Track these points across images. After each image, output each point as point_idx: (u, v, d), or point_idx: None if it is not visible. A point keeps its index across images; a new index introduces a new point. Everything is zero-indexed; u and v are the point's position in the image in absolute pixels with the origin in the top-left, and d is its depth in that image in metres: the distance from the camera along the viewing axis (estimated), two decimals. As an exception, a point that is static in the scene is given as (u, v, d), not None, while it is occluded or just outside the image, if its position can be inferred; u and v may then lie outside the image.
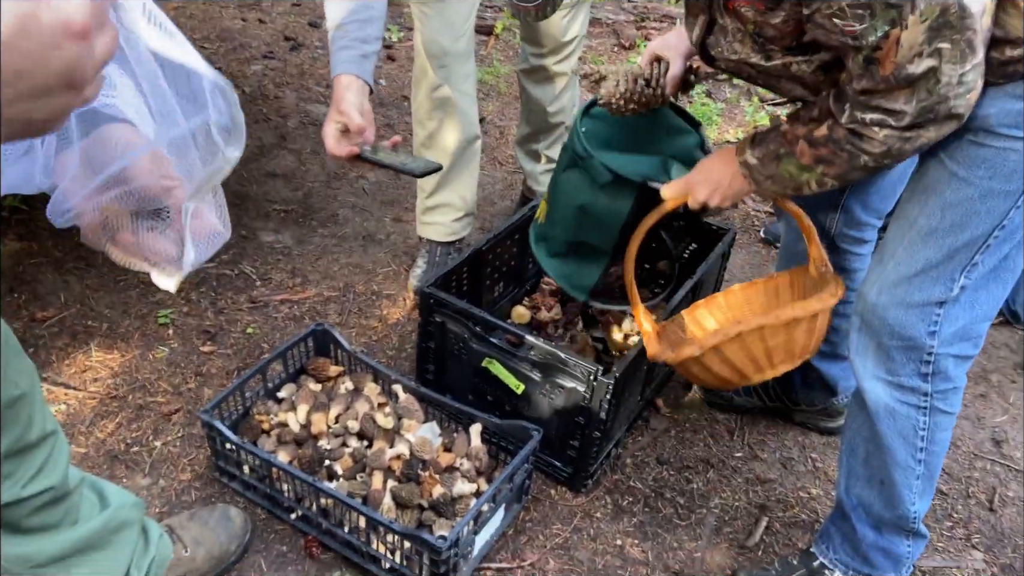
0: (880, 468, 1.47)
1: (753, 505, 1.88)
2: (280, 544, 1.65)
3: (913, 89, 1.12)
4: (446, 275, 1.91)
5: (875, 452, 1.47)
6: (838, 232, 1.73)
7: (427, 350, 1.91)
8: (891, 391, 1.40)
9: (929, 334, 1.33)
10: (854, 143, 1.22)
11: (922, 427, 1.41)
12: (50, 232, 2.37)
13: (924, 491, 1.48)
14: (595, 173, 1.58)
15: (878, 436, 1.44)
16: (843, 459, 1.56)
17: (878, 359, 1.39)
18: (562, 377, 1.71)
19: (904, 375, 1.38)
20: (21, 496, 1.14)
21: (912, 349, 1.35)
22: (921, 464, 1.44)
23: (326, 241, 2.55)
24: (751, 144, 1.38)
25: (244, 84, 3.35)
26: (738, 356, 1.48)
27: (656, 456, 1.97)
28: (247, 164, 2.85)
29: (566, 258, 1.78)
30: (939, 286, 1.30)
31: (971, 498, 1.96)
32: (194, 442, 1.83)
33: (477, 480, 1.72)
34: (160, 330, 2.12)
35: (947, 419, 1.42)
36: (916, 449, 1.43)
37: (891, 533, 1.53)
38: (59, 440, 1.20)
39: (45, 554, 1.24)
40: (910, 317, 1.33)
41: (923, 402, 1.39)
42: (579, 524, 1.78)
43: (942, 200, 1.27)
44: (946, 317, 1.32)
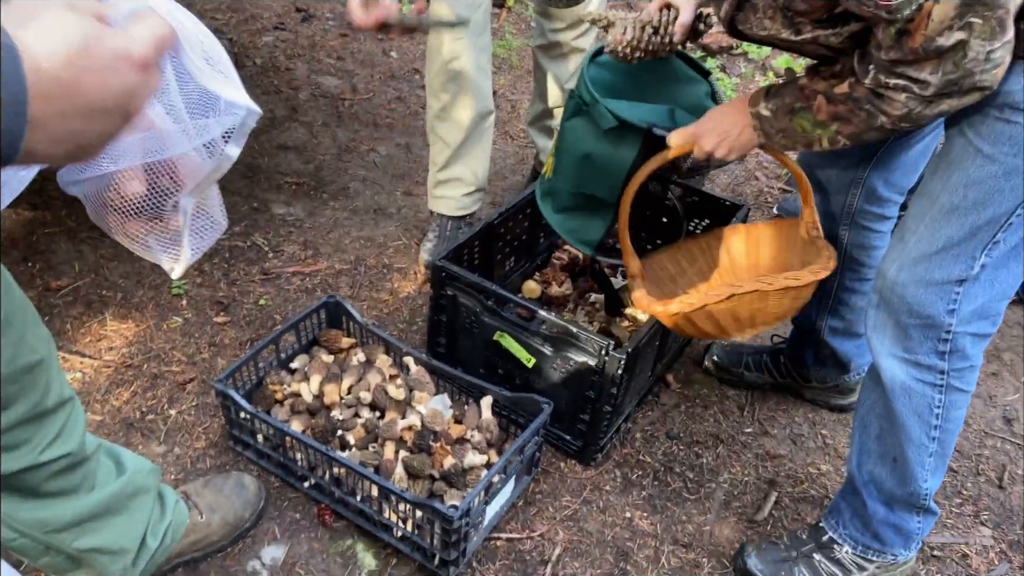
0: (893, 445, 1.48)
1: (762, 480, 1.89)
2: (293, 512, 1.67)
3: (940, 61, 1.11)
4: (457, 249, 1.91)
5: (888, 429, 1.47)
6: (859, 208, 1.71)
7: (438, 323, 1.92)
8: (908, 369, 1.40)
9: (948, 312, 1.32)
10: (874, 103, 1.20)
11: (937, 405, 1.41)
12: (63, 202, 2.38)
13: (936, 468, 1.48)
14: (600, 119, 1.55)
15: (893, 413, 1.44)
16: (855, 435, 1.56)
17: (896, 337, 1.39)
18: (573, 351, 1.71)
19: (921, 353, 1.37)
20: (39, 461, 1.16)
21: (930, 327, 1.34)
22: (935, 442, 1.44)
23: (337, 214, 2.55)
24: (766, 96, 1.37)
25: (255, 55, 3.34)
26: (724, 316, 1.50)
27: (666, 431, 1.98)
28: (258, 136, 2.85)
29: (572, 212, 1.76)
30: (960, 264, 1.29)
31: (981, 475, 1.96)
32: (208, 411, 1.85)
33: (488, 452, 1.74)
34: (174, 300, 2.13)
35: (963, 397, 1.42)
36: (930, 427, 1.43)
37: (902, 510, 1.54)
38: (76, 407, 1.22)
39: (62, 519, 1.26)
40: (929, 295, 1.32)
41: (939, 380, 1.39)
42: (588, 496, 1.80)
43: (965, 177, 1.26)
44: (965, 295, 1.31)
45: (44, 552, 1.28)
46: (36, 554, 1.28)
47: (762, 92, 1.38)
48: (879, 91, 1.19)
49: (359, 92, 3.22)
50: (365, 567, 1.60)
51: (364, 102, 3.17)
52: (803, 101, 1.30)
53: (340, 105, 3.12)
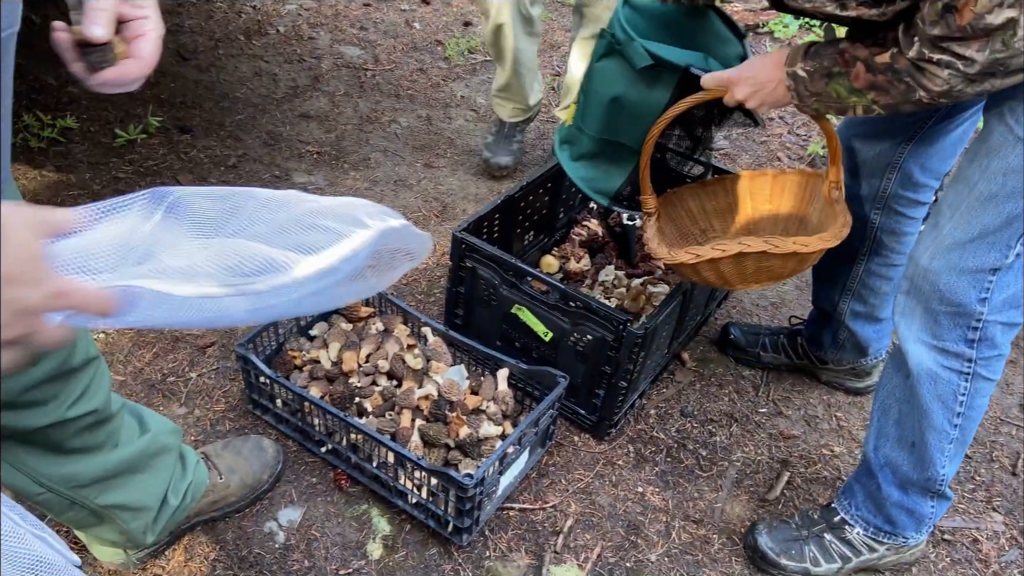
0: (913, 430, 1.47)
1: (775, 460, 1.90)
2: (310, 476, 1.70)
3: (988, 39, 1.08)
4: (478, 221, 1.92)
5: (909, 413, 1.47)
6: (893, 193, 1.68)
7: (457, 295, 1.93)
8: (935, 356, 1.39)
9: (980, 300, 1.31)
10: (914, 77, 1.18)
11: (963, 392, 1.40)
12: (88, 164, 2.41)
13: (955, 455, 1.48)
14: (634, 57, 1.50)
15: (916, 398, 1.44)
16: (874, 418, 1.56)
17: (925, 323, 1.38)
18: (591, 326, 1.72)
19: (950, 340, 1.36)
20: (66, 417, 1.19)
21: (961, 315, 1.33)
22: (956, 428, 1.44)
23: (358, 184, 2.56)
24: (803, 55, 1.32)
25: (279, 23, 3.33)
26: (730, 270, 1.51)
27: (680, 408, 1.99)
28: (280, 105, 2.86)
29: (592, 160, 1.72)
30: (994, 252, 1.28)
31: (995, 462, 1.96)
32: (228, 375, 1.87)
33: (503, 423, 1.75)
34: (195, 265, 2.15)
35: (988, 385, 1.41)
36: (954, 414, 1.42)
37: (916, 494, 1.54)
38: (101, 365, 1.24)
39: (86, 475, 1.29)
40: (962, 283, 1.31)
41: (967, 368, 1.38)
42: (601, 470, 1.81)
43: (1004, 164, 1.24)
44: (998, 284, 1.30)
45: (69, 507, 1.31)
46: (61, 509, 1.31)
47: (800, 50, 1.33)
48: (921, 65, 1.16)
49: (381, 63, 3.21)
50: (379, 531, 1.62)
51: (386, 73, 3.16)
52: (841, 66, 1.26)
53: (362, 75, 3.12)
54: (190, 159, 2.52)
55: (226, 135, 2.65)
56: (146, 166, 2.45)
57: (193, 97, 2.80)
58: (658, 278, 2.14)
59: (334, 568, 1.55)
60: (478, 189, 2.64)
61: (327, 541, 1.59)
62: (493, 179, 2.69)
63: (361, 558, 1.57)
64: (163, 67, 2.93)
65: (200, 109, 2.75)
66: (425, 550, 1.60)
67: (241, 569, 1.53)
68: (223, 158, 2.55)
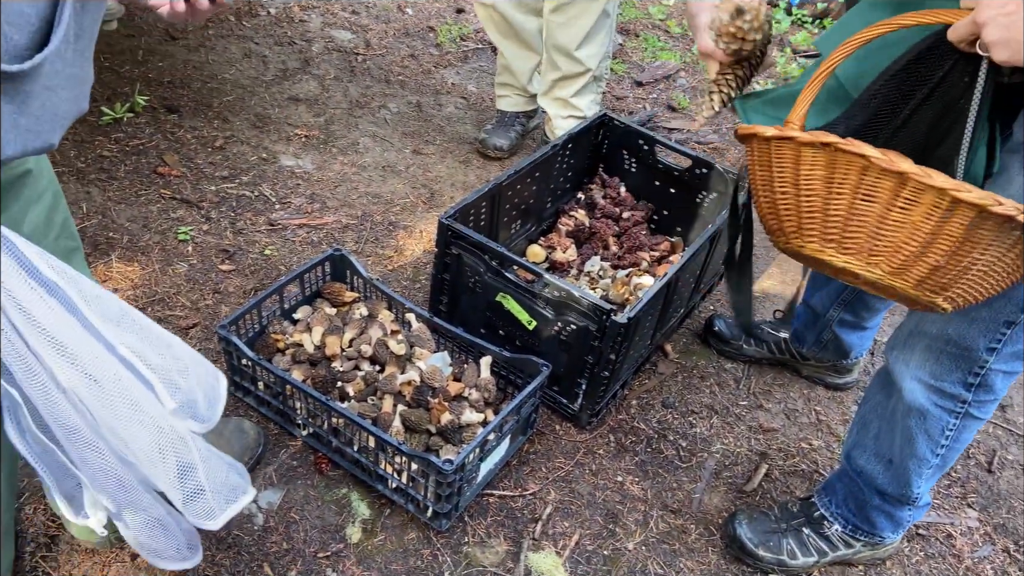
0: (892, 450, 1.47)
1: (754, 452, 1.91)
2: (290, 459, 1.70)
3: None
4: (464, 208, 1.92)
5: (889, 433, 1.46)
6: None
7: (442, 282, 1.93)
8: (930, 395, 1.36)
9: (988, 350, 1.28)
10: None
11: (951, 428, 1.39)
12: (73, 142, 2.38)
13: (933, 477, 1.48)
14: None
15: (901, 426, 1.43)
16: (853, 428, 1.56)
17: (924, 360, 1.34)
18: (574, 316, 1.72)
19: (949, 382, 1.33)
20: None
21: (965, 359, 1.30)
22: (938, 457, 1.44)
23: (346, 169, 2.55)
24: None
25: (270, 5, 3.30)
26: (816, 184, 1.01)
27: (662, 399, 2.00)
28: (270, 87, 2.84)
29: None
30: (1011, 306, 1.23)
31: (971, 459, 1.98)
32: (210, 356, 1.87)
33: (485, 410, 1.76)
34: (180, 246, 2.14)
35: (977, 424, 1.40)
36: (938, 445, 1.42)
37: (892, 503, 1.55)
38: None
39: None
40: (973, 330, 1.27)
41: (959, 408, 1.36)
42: (581, 459, 1.82)
43: None
44: (1011, 338, 1.26)
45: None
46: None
47: None
48: None
49: (372, 47, 3.20)
50: (359, 515, 1.63)
51: (377, 58, 3.14)
52: None
53: (353, 60, 3.10)
54: (176, 139, 2.50)
55: (214, 116, 2.63)
56: (132, 145, 2.43)
57: (181, 77, 2.78)
58: (643, 270, 2.14)
59: (313, 551, 1.55)
60: (466, 176, 2.63)
61: (306, 524, 1.60)
62: (482, 166, 2.69)
63: (340, 541, 1.58)
64: (151, 46, 2.90)
65: (188, 89, 2.73)
66: (404, 534, 1.61)
67: (219, 551, 1.53)
68: (210, 139, 2.53)
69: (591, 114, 2.49)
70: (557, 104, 2.61)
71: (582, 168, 2.37)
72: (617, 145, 2.35)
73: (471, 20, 3.52)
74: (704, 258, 2.00)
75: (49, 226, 1.16)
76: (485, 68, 3.24)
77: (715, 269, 2.25)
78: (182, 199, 2.28)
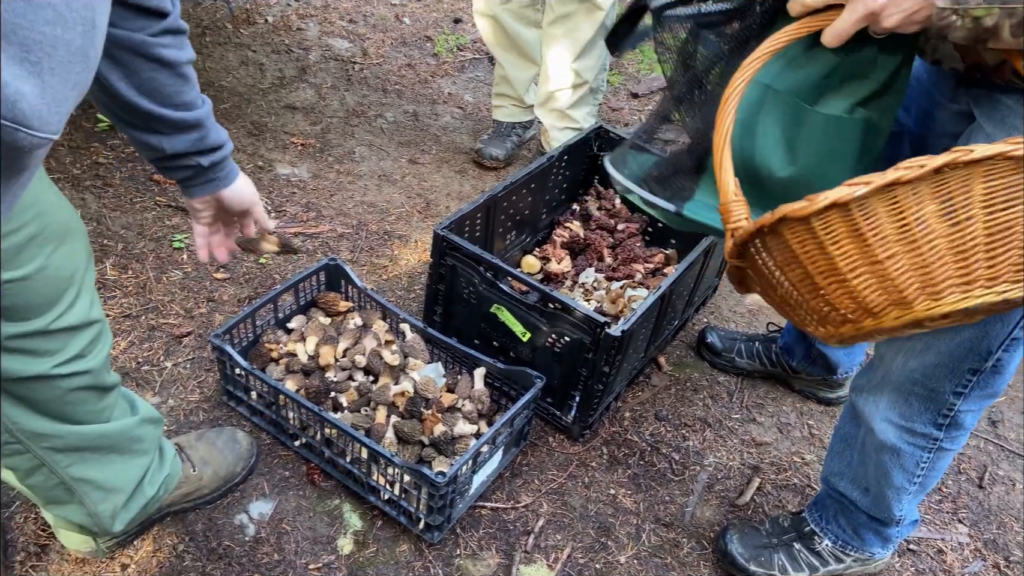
0: (865, 478, 1.48)
1: (746, 466, 1.92)
2: (283, 469, 1.70)
3: None
4: (460, 219, 1.92)
5: (862, 463, 1.47)
6: None
7: (436, 292, 1.93)
8: (901, 434, 1.37)
9: (955, 394, 1.29)
10: None
11: (924, 461, 1.40)
12: (69, 148, 2.38)
13: (914, 499, 1.49)
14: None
15: (876, 461, 1.43)
16: (831, 456, 1.57)
17: (892, 402, 1.35)
18: (568, 328, 1.73)
19: (919, 422, 1.35)
20: (54, 373, 1.13)
21: (934, 400, 1.31)
22: (916, 485, 1.44)
23: (342, 178, 2.55)
24: None
25: (267, 13, 3.31)
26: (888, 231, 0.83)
27: (655, 412, 2.00)
28: (266, 95, 2.84)
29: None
30: (975, 356, 1.25)
31: (962, 474, 1.99)
32: (204, 365, 1.86)
33: (478, 422, 1.76)
34: (174, 254, 2.14)
35: (951, 454, 1.41)
36: (913, 476, 1.43)
37: (877, 523, 1.56)
38: (103, 330, 1.20)
39: (64, 439, 1.23)
40: (939, 373, 1.28)
41: (931, 445, 1.37)
42: (574, 471, 1.82)
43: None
44: (977, 383, 1.28)
45: (37, 469, 1.25)
46: (28, 470, 1.25)
47: None
48: None
49: (370, 56, 3.20)
50: (350, 527, 1.62)
51: (374, 67, 3.15)
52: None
53: (350, 68, 3.11)
54: (173, 146, 2.50)
55: (210, 124, 2.63)
56: (127, 152, 2.43)
57: (178, 84, 2.78)
58: (638, 282, 2.15)
59: (304, 562, 1.55)
60: (462, 186, 2.64)
61: (298, 535, 1.59)
62: (478, 176, 2.69)
63: (331, 553, 1.57)
64: (148, 52, 2.90)
65: (185, 96, 2.73)
66: (396, 546, 1.60)
67: (210, 561, 1.53)
68: (206, 147, 2.53)
69: (587, 126, 2.51)
70: (554, 115, 2.62)
71: (577, 180, 2.38)
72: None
73: (468, 30, 3.53)
74: (698, 271, 2.01)
75: None
76: (482, 78, 3.25)
77: (709, 282, 2.26)
78: (177, 207, 2.28)
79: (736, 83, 0.94)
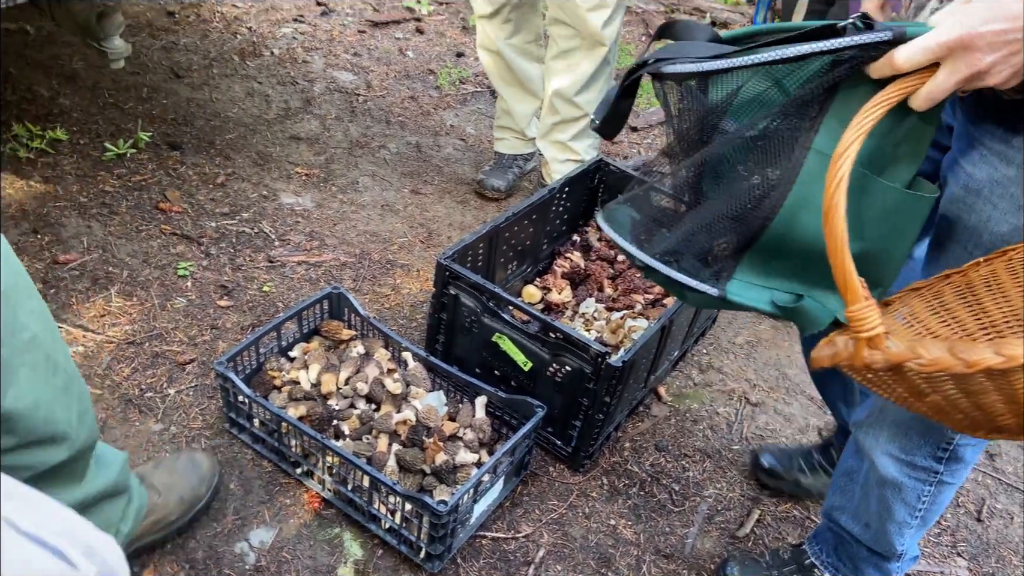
0: (867, 513, 1.48)
1: (747, 497, 1.92)
2: (284, 497, 1.70)
3: None
4: (463, 249, 1.94)
5: (863, 499, 1.47)
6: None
7: (439, 321, 1.95)
8: (902, 467, 1.37)
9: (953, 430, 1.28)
10: None
11: (925, 495, 1.40)
12: (75, 176, 2.41)
13: (916, 534, 1.48)
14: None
15: (878, 496, 1.44)
16: (832, 491, 1.56)
17: (893, 435, 1.36)
18: (569, 357, 1.74)
19: (919, 456, 1.35)
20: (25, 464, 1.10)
21: (932, 434, 1.32)
22: (918, 519, 1.44)
23: (345, 207, 2.58)
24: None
25: (273, 46, 3.37)
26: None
27: (655, 442, 2.01)
28: (272, 126, 2.88)
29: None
30: None
31: (960, 507, 1.99)
32: (206, 392, 1.87)
33: (479, 451, 1.76)
34: (179, 281, 2.16)
35: (953, 487, 1.41)
36: (915, 510, 1.43)
37: (879, 557, 1.56)
38: (76, 385, 1.18)
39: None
40: None
41: (932, 478, 1.37)
42: (575, 502, 1.82)
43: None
44: None
45: None
46: None
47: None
48: None
49: (373, 89, 3.26)
50: (351, 556, 1.62)
51: (378, 99, 3.20)
52: None
53: (354, 100, 3.15)
54: (178, 175, 2.53)
55: (216, 153, 2.67)
56: (134, 181, 2.46)
57: (185, 114, 2.82)
58: (638, 312, 2.17)
59: (304, 591, 1.55)
60: (464, 216, 2.67)
61: (298, 564, 1.59)
62: (480, 206, 2.73)
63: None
64: (156, 84, 2.95)
65: (191, 126, 2.77)
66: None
67: (210, 589, 1.52)
68: (211, 176, 2.56)
69: (588, 158, 2.55)
70: (555, 147, 2.66)
71: (578, 211, 2.41)
72: (613, 189, 2.39)
73: (471, 64, 3.59)
74: (698, 302, 2.03)
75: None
76: (483, 111, 3.30)
77: (709, 313, 2.28)
78: (182, 235, 2.31)
79: (838, 170, 0.82)
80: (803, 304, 0.99)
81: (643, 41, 4.19)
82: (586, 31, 2.40)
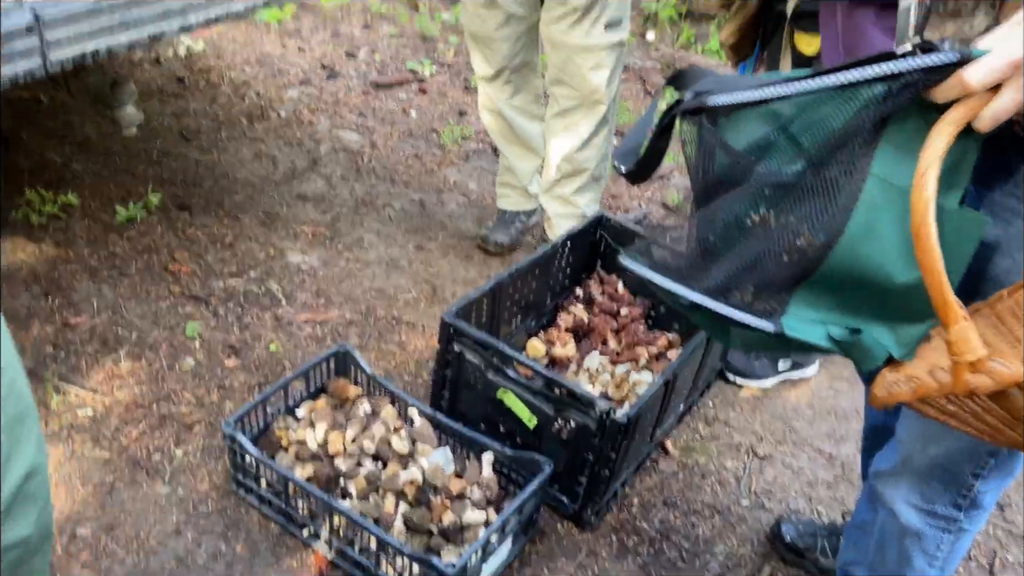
0: (884, 564, 1.46)
1: (757, 554, 1.90)
2: (291, 559, 1.69)
3: None
4: (467, 306, 1.97)
5: (879, 550, 1.46)
6: None
7: (444, 377, 1.96)
8: (922, 517, 1.36)
9: (973, 475, 1.29)
10: None
11: (944, 544, 1.39)
12: (87, 240, 2.46)
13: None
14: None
15: (898, 547, 1.42)
16: (846, 545, 1.55)
17: (912, 485, 1.35)
18: (574, 413, 1.75)
19: (939, 504, 1.34)
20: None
21: (953, 482, 1.31)
22: (936, 569, 1.42)
23: (351, 265, 2.62)
24: None
25: (280, 108, 3.45)
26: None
27: (663, 498, 2.00)
28: (279, 186, 2.94)
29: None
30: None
31: (972, 560, 1.97)
32: (214, 453, 1.88)
33: (486, 509, 1.76)
34: (187, 342, 2.18)
35: (970, 536, 1.40)
36: (935, 559, 1.41)
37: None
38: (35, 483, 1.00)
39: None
40: (959, 456, 1.28)
41: (952, 526, 1.36)
42: (584, 561, 1.81)
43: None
44: (995, 466, 1.27)
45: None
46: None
47: None
48: None
49: (378, 148, 3.33)
50: (359, 619, 1.60)
51: (382, 158, 3.27)
52: None
53: (359, 160, 3.22)
54: (187, 237, 2.58)
55: (224, 214, 2.72)
56: (143, 243, 2.50)
57: (194, 177, 2.89)
58: (642, 366, 2.18)
59: (311, 657, 1.53)
60: (468, 272, 2.70)
61: (305, 628, 1.57)
62: (484, 261, 2.76)
63: (339, 647, 1.55)
64: (166, 147, 3.02)
65: (200, 188, 2.83)
66: (404, 639, 1.58)
67: (216, 656, 1.51)
68: (220, 236, 2.61)
69: (590, 212, 2.58)
70: (557, 202, 2.71)
71: (580, 265, 2.44)
72: (614, 243, 2.42)
73: (473, 122, 3.67)
74: (703, 354, 2.04)
75: None
76: (486, 167, 3.36)
77: (713, 365, 2.29)
78: (191, 295, 2.34)
79: (924, 189, 0.79)
80: (861, 338, 0.95)
81: (639, 98, 4.29)
82: (586, 90, 2.46)
